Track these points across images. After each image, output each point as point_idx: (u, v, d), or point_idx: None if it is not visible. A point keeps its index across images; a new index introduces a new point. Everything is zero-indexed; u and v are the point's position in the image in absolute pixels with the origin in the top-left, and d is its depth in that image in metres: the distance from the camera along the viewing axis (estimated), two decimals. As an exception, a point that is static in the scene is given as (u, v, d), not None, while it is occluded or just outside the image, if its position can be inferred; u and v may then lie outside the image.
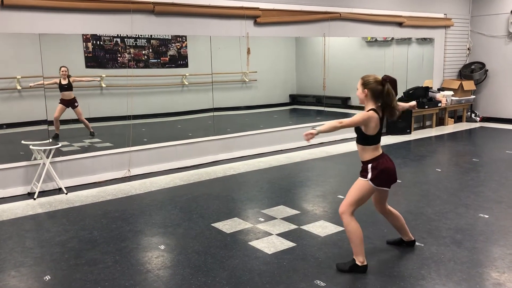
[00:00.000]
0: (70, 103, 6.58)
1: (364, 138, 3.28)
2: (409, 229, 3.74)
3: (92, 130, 6.94)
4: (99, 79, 6.77)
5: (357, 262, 3.30)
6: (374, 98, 3.22)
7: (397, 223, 3.65)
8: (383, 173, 3.26)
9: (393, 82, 3.25)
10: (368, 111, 3.21)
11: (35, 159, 5.60)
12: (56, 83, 6.46)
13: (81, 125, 6.95)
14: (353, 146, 8.11)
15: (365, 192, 3.29)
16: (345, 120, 3.17)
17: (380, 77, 3.24)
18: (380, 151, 3.32)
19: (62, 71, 6.46)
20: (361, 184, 3.30)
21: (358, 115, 3.16)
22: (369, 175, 3.25)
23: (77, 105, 6.62)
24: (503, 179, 5.77)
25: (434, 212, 4.57)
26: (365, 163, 3.31)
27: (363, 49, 10.26)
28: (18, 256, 3.75)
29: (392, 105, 3.23)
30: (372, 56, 10.18)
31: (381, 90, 3.19)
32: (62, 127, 6.67)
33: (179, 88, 8.82)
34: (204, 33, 6.86)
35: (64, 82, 6.49)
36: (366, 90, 3.22)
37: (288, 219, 4.47)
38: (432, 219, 4.39)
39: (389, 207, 3.61)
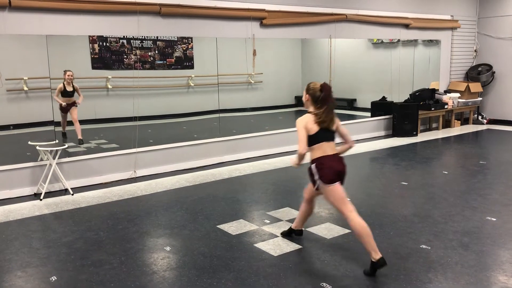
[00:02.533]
0: (70, 106, 6.51)
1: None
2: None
3: (81, 138, 6.65)
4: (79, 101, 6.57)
5: (372, 259, 3.27)
6: (313, 102, 3.47)
7: (307, 212, 3.88)
8: (324, 170, 3.40)
9: (328, 89, 3.46)
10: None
11: (41, 160, 5.62)
12: (60, 90, 6.34)
13: (88, 126, 6.97)
14: (358, 148, 8.10)
15: (334, 194, 3.40)
16: (299, 142, 3.42)
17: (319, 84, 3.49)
18: (323, 153, 3.43)
19: (68, 76, 6.36)
20: (325, 192, 3.45)
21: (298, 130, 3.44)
22: (316, 176, 3.44)
23: (76, 105, 6.52)
24: (511, 182, 5.72)
25: (441, 215, 4.55)
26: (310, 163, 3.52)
27: (369, 51, 10.24)
28: (24, 257, 3.76)
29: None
30: (378, 58, 10.15)
31: (319, 95, 3.43)
32: (68, 127, 6.70)
33: (185, 90, 8.84)
34: (210, 34, 6.86)
35: (69, 88, 6.41)
36: (307, 95, 3.50)
37: (293, 221, 4.45)
38: (439, 221, 4.36)
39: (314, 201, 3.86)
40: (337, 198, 3.40)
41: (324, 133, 3.41)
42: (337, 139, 3.53)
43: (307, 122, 3.40)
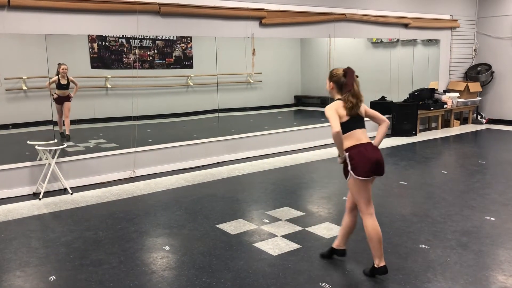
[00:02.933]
0: (64, 99, 6.52)
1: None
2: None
3: (68, 134, 6.64)
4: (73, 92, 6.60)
5: (375, 264, 3.23)
6: (339, 89, 3.28)
7: (346, 229, 3.46)
8: (358, 159, 3.15)
9: (352, 73, 3.27)
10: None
11: (40, 159, 5.62)
12: (55, 82, 6.38)
13: (87, 126, 6.96)
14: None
15: (359, 190, 3.18)
16: (332, 125, 3.15)
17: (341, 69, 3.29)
18: (358, 141, 3.19)
19: (63, 69, 6.39)
20: (349, 183, 3.24)
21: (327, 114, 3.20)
22: (349, 167, 3.17)
23: (70, 100, 6.55)
24: (510, 181, 5.73)
25: (440, 214, 4.55)
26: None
27: (369, 50, 10.23)
28: (23, 256, 3.76)
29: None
30: (377, 58, 10.15)
31: (343, 81, 3.24)
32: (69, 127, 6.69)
33: (184, 89, 8.84)
34: (209, 34, 6.86)
35: (63, 81, 6.43)
36: (331, 83, 3.31)
37: (293, 220, 4.46)
38: (438, 221, 4.36)
39: (355, 214, 3.43)
40: (364, 196, 3.19)
41: (355, 120, 3.20)
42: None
43: (338, 108, 3.18)
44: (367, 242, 3.28)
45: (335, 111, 3.18)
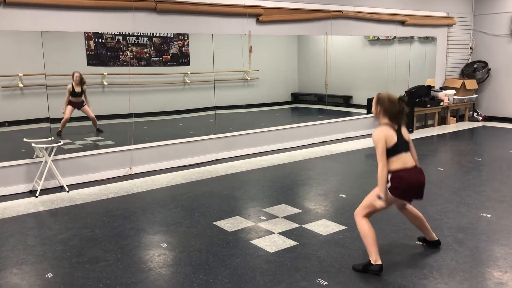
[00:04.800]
0: (79, 105, 6.64)
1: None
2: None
3: (98, 127, 7.03)
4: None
5: (371, 261, 3.29)
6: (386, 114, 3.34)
7: (415, 222, 3.66)
8: (399, 184, 3.25)
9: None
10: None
11: (37, 157, 5.60)
12: (69, 90, 6.52)
13: (84, 123, 6.95)
14: (354, 145, 8.12)
15: (378, 201, 3.29)
16: (379, 160, 3.25)
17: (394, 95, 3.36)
18: (404, 164, 3.28)
19: (76, 77, 6.53)
20: (375, 191, 3.34)
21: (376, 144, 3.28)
22: (388, 184, 3.27)
23: (85, 104, 6.67)
24: (505, 178, 5.75)
25: (436, 211, 4.57)
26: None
27: (366, 47, 10.24)
28: (20, 254, 3.75)
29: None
30: (374, 55, 10.16)
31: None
32: (67, 124, 6.68)
33: (181, 86, 8.82)
34: (206, 31, 6.85)
35: (77, 89, 6.56)
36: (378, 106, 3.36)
37: (289, 217, 4.47)
38: (434, 218, 4.38)
39: (410, 206, 3.61)
40: (374, 209, 3.34)
41: (402, 143, 3.30)
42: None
43: (387, 134, 3.27)
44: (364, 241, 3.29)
45: (385, 140, 3.24)
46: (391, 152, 3.25)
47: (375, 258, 3.26)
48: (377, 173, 3.30)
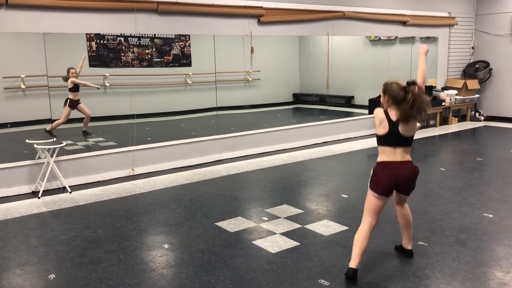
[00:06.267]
0: (75, 104, 6.62)
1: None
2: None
3: (86, 129, 6.96)
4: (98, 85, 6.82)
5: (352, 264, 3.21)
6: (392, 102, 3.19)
7: (402, 221, 3.53)
8: (377, 178, 3.20)
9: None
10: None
11: (39, 158, 5.61)
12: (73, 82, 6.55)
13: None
14: (356, 145, 8.12)
15: (368, 200, 3.26)
16: None
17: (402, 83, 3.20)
18: (388, 158, 3.20)
19: (72, 73, 6.52)
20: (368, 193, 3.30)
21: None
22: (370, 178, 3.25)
23: (80, 103, 6.66)
24: (507, 178, 5.75)
25: (438, 212, 4.56)
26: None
27: (367, 48, 10.25)
28: (22, 255, 3.76)
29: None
30: (375, 55, 10.16)
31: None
32: (67, 125, 6.69)
33: (183, 87, 8.84)
34: (207, 32, 6.86)
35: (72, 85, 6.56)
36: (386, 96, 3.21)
37: (291, 218, 4.47)
38: (436, 218, 4.38)
39: (405, 205, 3.51)
40: (368, 206, 3.27)
41: (394, 138, 3.23)
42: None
43: (376, 117, 3.33)
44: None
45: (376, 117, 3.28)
46: (379, 140, 3.25)
47: (353, 264, 3.17)
48: None
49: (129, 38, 7.76)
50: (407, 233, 3.56)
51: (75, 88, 6.55)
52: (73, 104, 6.58)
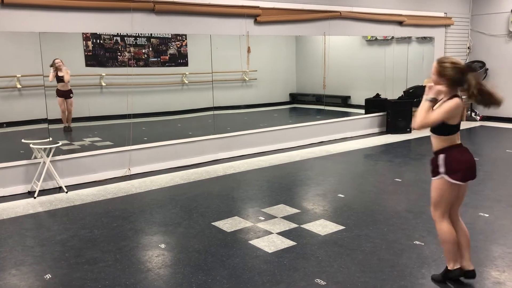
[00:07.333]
0: (65, 94, 6.61)
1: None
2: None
3: (69, 126, 6.95)
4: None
5: (448, 267, 3.10)
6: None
7: (463, 239, 3.15)
8: (459, 164, 2.94)
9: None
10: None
11: (35, 157, 5.60)
12: (54, 76, 6.51)
13: (81, 124, 6.95)
14: (353, 145, 8.14)
15: (445, 193, 2.99)
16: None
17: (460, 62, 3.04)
18: (458, 142, 3.01)
19: (57, 63, 6.50)
20: (435, 184, 3.04)
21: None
22: (442, 169, 2.95)
23: (72, 96, 6.65)
24: (503, 178, 5.77)
25: (434, 211, 4.57)
26: (436, 153, 3.03)
27: (363, 48, 10.26)
28: (18, 255, 3.75)
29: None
30: (372, 55, 10.18)
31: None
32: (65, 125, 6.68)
33: (179, 87, 8.83)
34: (204, 31, 6.85)
35: (60, 74, 6.56)
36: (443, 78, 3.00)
37: (288, 218, 4.48)
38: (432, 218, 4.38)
39: (460, 218, 3.21)
40: (441, 196, 3.03)
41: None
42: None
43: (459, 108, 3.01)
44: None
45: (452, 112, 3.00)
46: (449, 130, 2.98)
47: (452, 264, 3.06)
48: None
49: (125, 38, 7.75)
50: (468, 251, 3.14)
51: (58, 79, 6.58)
52: (63, 94, 6.62)
